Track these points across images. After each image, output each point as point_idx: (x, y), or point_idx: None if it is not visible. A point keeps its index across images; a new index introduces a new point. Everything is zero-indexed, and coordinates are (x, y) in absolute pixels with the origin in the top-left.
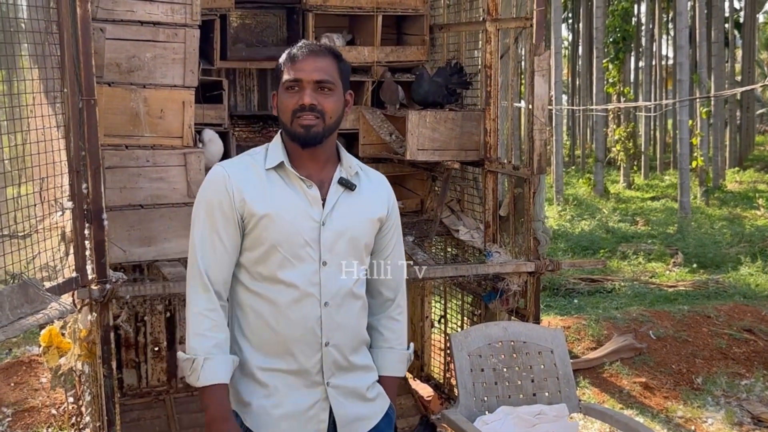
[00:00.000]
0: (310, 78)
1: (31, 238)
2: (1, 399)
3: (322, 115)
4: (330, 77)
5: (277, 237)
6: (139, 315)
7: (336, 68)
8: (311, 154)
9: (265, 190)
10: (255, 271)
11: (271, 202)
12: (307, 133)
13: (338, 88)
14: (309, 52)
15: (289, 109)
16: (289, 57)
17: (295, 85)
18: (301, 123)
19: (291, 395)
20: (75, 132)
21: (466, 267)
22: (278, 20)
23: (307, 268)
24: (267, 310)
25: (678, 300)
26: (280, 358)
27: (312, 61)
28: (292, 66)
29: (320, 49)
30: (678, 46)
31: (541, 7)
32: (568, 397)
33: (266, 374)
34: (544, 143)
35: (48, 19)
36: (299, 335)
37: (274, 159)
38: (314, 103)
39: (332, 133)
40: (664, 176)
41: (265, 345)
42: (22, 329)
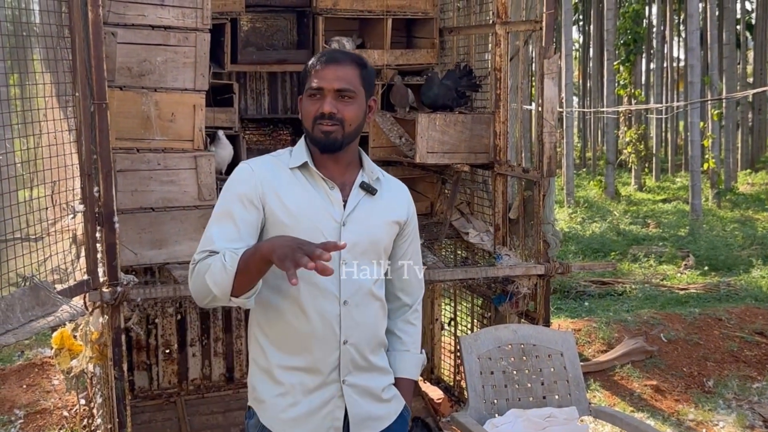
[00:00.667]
0: (331, 87)
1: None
2: (14, 401)
3: (341, 123)
4: (351, 86)
5: (297, 233)
6: (150, 317)
7: (358, 76)
8: (334, 158)
9: (288, 187)
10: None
11: (293, 199)
12: (326, 138)
13: (359, 96)
14: (331, 61)
15: (311, 115)
16: (313, 64)
17: (317, 93)
18: (321, 129)
19: (307, 393)
20: (87, 135)
21: (475, 270)
22: (288, 24)
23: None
24: (286, 307)
25: (689, 303)
26: (299, 355)
27: (333, 69)
28: (315, 74)
29: (343, 56)
30: (689, 48)
31: (551, 10)
32: (579, 400)
33: (284, 372)
34: (554, 146)
35: (60, 24)
36: (318, 332)
37: (298, 159)
38: (334, 112)
39: (353, 140)
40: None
41: (284, 341)
42: (34, 331)
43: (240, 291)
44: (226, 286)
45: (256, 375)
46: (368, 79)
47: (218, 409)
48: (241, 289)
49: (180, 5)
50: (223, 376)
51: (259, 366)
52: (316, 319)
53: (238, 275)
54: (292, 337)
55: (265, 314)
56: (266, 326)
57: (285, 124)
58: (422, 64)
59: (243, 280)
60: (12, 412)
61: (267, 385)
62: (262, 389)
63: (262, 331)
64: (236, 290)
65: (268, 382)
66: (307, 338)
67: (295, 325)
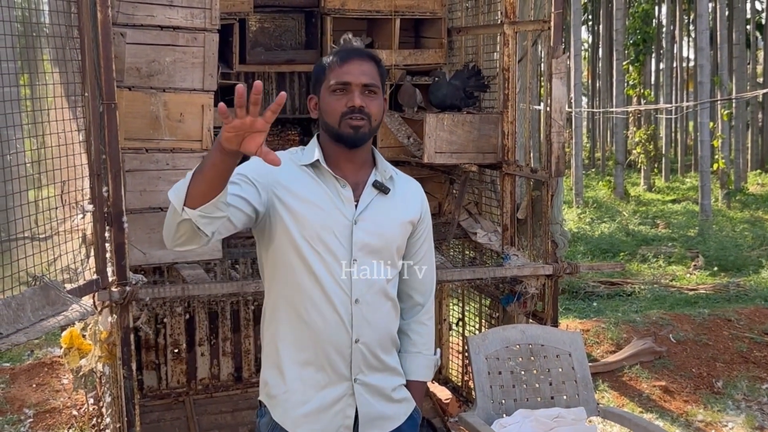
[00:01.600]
0: (359, 81)
1: (52, 240)
2: (23, 400)
3: (368, 118)
4: (375, 81)
5: (309, 232)
6: (159, 317)
7: (377, 72)
8: (350, 156)
9: (299, 183)
10: (288, 266)
11: (304, 195)
12: (356, 133)
13: (380, 92)
14: (356, 56)
15: (338, 111)
16: (335, 60)
17: (343, 88)
18: (351, 124)
19: (318, 390)
20: (96, 135)
21: (483, 270)
22: (297, 24)
23: (338, 264)
24: (299, 303)
25: (698, 303)
26: (311, 353)
27: (359, 64)
28: (339, 69)
29: (363, 53)
30: (699, 48)
31: (559, 9)
32: (587, 401)
33: (296, 368)
34: (563, 146)
35: (69, 24)
36: (330, 330)
37: (309, 157)
38: (363, 106)
39: (373, 135)
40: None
41: (297, 339)
42: (44, 331)
43: (193, 199)
44: (181, 189)
45: (269, 371)
46: (384, 75)
47: (227, 408)
48: (194, 195)
49: (189, 6)
50: (232, 375)
51: (272, 362)
52: (328, 317)
53: (195, 174)
54: (305, 335)
55: (278, 311)
56: (279, 323)
57: (293, 124)
58: (430, 64)
59: (197, 181)
60: (22, 411)
61: (279, 381)
62: (274, 384)
63: (276, 328)
64: (190, 198)
65: (280, 377)
66: (319, 336)
67: (308, 323)
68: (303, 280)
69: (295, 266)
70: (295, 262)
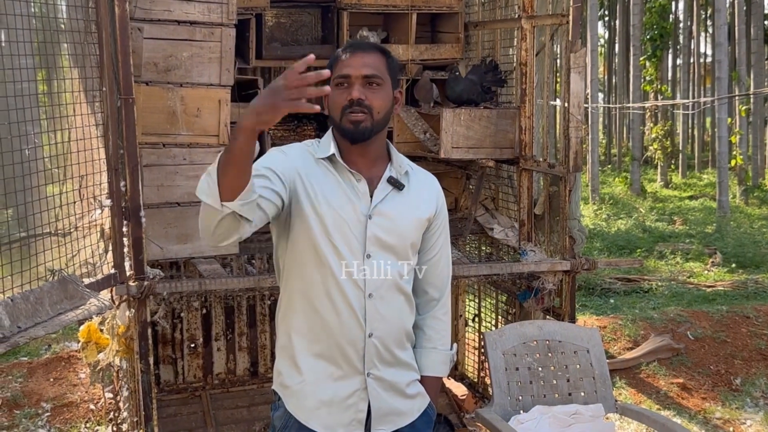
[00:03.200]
0: (359, 73)
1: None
2: (41, 394)
3: (369, 111)
4: (378, 72)
5: (324, 223)
6: (176, 311)
7: (384, 64)
8: (361, 151)
9: (316, 176)
10: (304, 259)
11: (320, 189)
12: (356, 128)
13: (387, 84)
14: (357, 49)
15: (339, 105)
16: (338, 55)
17: (344, 81)
18: (350, 119)
19: (331, 382)
20: (113, 130)
21: (500, 265)
22: (313, 19)
23: (352, 258)
24: (314, 295)
25: (716, 300)
26: (325, 346)
27: (360, 57)
28: (341, 62)
29: (368, 45)
30: (716, 43)
31: (578, 3)
32: (605, 397)
33: (310, 360)
34: (580, 141)
35: (87, 19)
36: (344, 324)
37: (325, 151)
38: (362, 98)
39: (381, 129)
40: (703, 175)
41: (312, 332)
42: (62, 324)
43: (228, 192)
44: (212, 187)
45: (283, 361)
46: (393, 68)
47: (243, 403)
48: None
49: (206, 1)
50: (248, 370)
51: (286, 353)
52: (342, 310)
53: (221, 167)
54: (319, 328)
55: (293, 303)
56: (294, 315)
57: (309, 120)
58: (447, 59)
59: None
60: (39, 405)
61: (292, 372)
62: (288, 375)
63: (291, 320)
64: (225, 192)
65: (293, 368)
66: (332, 329)
67: (322, 316)
68: (317, 273)
69: (310, 259)
70: (310, 255)
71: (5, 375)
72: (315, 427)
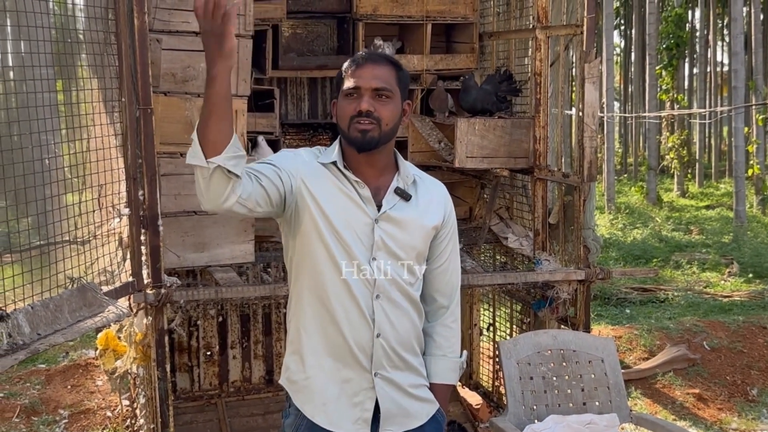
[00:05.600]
0: (369, 85)
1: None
2: (59, 401)
3: (378, 122)
4: (388, 85)
5: (332, 223)
6: (192, 319)
7: (395, 77)
8: (368, 160)
9: (322, 180)
10: (313, 255)
11: (327, 191)
12: (363, 137)
13: (396, 96)
14: (368, 61)
15: (347, 115)
16: (349, 65)
17: (354, 92)
18: (358, 128)
19: (339, 380)
20: (132, 140)
21: (515, 275)
22: (329, 30)
23: (359, 260)
24: (323, 294)
25: (733, 310)
26: (333, 343)
27: (371, 69)
28: (351, 74)
29: (379, 57)
30: (733, 52)
31: (592, 14)
32: (619, 407)
33: (318, 357)
34: (595, 151)
35: (107, 31)
36: (351, 323)
37: (328, 156)
38: (371, 110)
39: (389, 140)
40: (720, 184)
41: (320, 329)
42: (81, 332)
43: (211, 147)
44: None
45: (291, 356)
46: (404, 81)
47: (258, 411)
48: (211, 142)
49: None
50: (263, 378)
51: (295, 348)
52: (350, 309)
53: (202, 123)
54: (328, 325)
55: (302, 300)
56: (303, 312)
57: (325, 129)
58: (462, 69)
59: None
60: (57, 412)
61: (300, 367)
62: (295, 370)
63: (300, 317)
64: (208, 148)
65: (301, 364)
66: (341, 327)
67: (330, 314)
68: (326, 271)
69: (319, 257)
70: (319, 253)
71: (23, 382)
72: (321, 422)
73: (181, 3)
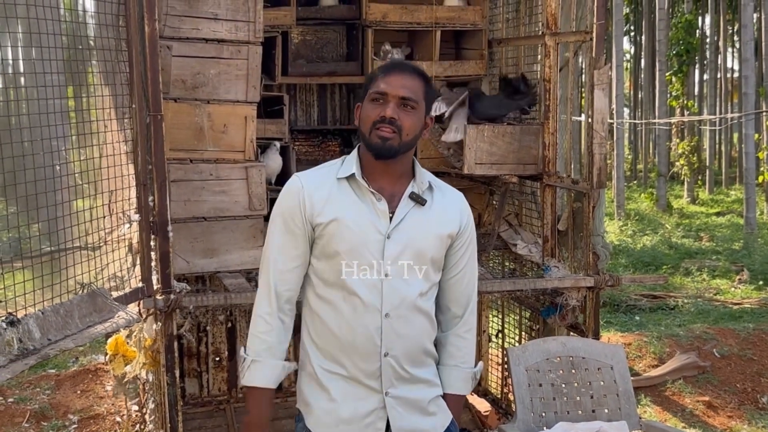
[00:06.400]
0: (396, 93)
1: (100, 249)
2: (68, 406)
3: (399, 131)
4: (414, 96)
5: (342, 246)
6: (201, 325)
7: (422, 89)
8: (385, 168)
9: (335, 200)
10: (322, 278)
11: (339, 212)
12: (383, 144)
13: (420, 109)
14: (399, 69)
15: (371, 119)
16: (380, 70)
17: (380, 98)
18: (379, 134)
19: (350, 401)
20: (142, 146)
21: (524, 281)
22: (338, 36)
23: (370, 278)
24: (331, 315)
25: (743, 318)
26: (341, 364)
27: (401, 77)
28: (381, 79)
29: (410, 68)
30: (743, 58)
31: (601, 20)
32: (629, 415)
33: (328, 378)
34: (604, 157)
35: (118, 38)
36: (359, 343)
37: (346, 170)
38: (394, 117)
39: (408, 150)
40: (730, 191)
41: (328, 350)
42: (91, 337)
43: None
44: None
45: (303, 379)
46: (430, 95)
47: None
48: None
49: (233, 19)
50: None
51: (306, 371)
52: (356, 329)
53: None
54: (335, 345)
55: (312, 321)
56: (313, 333)
57: (334, 136)
58: (471, 76)
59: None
60: (66, 417)
61: (313, 390)
62: (309, 393)
63: (310, 338)
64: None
65: (314, 387)
66: (348, 347)
67: (338, 335)
68: (335, 293)
69: (327, 279)
70: (327, 275)
71: (33, 387)
72: None
73: (191, 10)
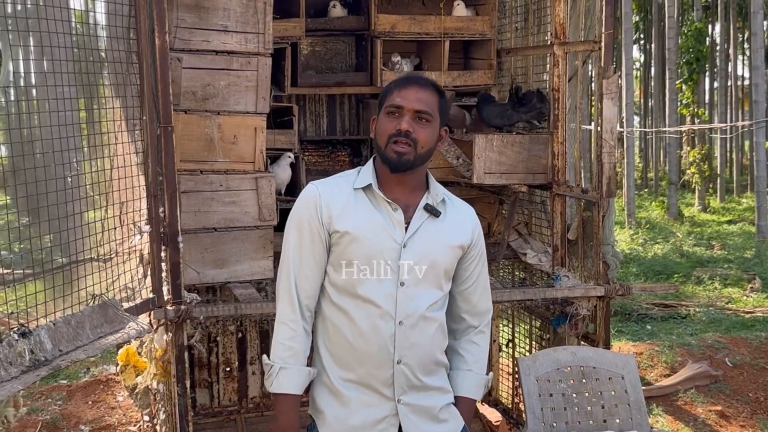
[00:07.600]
0: (411, 106)
1: (111, 260)
2: (80, 417)
3: (414, 144)
4: (429, 109)
5: (358, 254)
6: (212, 335)
7: (437, 102)
8: (400, 179)
9: (351, 208)
10: (338, 285)
11: (355, 220)
12: (399, 159)
13: (435, 122)
14: (414, 83)
15: (387, 133)
16: (395, 84)
17: (395, 111)
18: (395, 149)
19: (362, 408)
20: (153, 158)
21: (534, 291)
22: (347, 47)
23: (385, 286)
24: (345, 323)
25: (755, 326)
26: (354, 371)
27: (415, 91)
28: (396, 93)
29: (425, 81)
30: (754, 66)
31: (610, 30)
32: (640, 425)
33: (341, 385)
34: (613, 166)
35: (128, 50)
36: (373, 350)
37: (363, 180)
38: (410, 130)
39: (423, 163)
40: (742, 199)
41: (342, 357)
42: (102, 348)
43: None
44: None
45: (316, 386)
46: (444, 108)
47: None
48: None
49: (243, 31)
50: None
51: (319, 378)
52: (370, 336)
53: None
54: (349, 353)
55: (326, 328)
56: (327, 340)
57: (343, 146)
58: (479, 85)
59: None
60: (78, 428)
61: (325, 397)
62: (321, 401)
63: (324, 345)
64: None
65: (326, 394)
66: (362, 355)
67: (351, 341)
68: (349, 301)
69: (342, 287)
70: (342, 283)
71: (45, 398)
72: None
73: (201, 22)
